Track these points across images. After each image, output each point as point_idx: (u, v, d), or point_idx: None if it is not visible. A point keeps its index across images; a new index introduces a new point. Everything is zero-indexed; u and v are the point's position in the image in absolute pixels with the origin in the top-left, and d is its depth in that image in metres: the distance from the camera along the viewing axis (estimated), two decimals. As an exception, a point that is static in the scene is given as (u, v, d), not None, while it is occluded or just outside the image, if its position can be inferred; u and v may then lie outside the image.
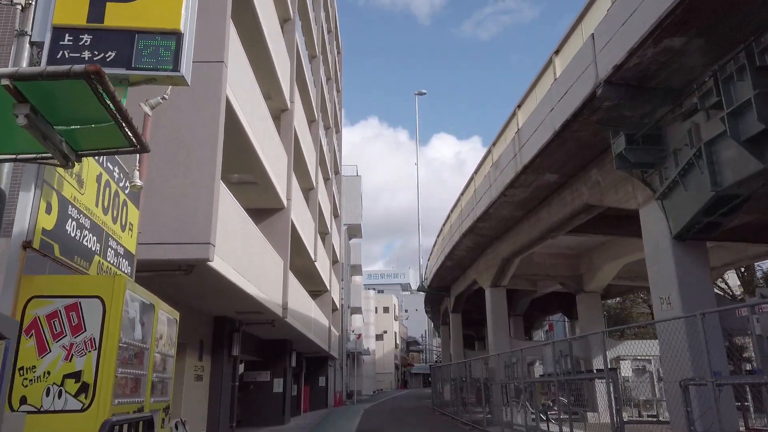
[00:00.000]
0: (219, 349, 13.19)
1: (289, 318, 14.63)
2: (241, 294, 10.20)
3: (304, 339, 19.99)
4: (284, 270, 14.25)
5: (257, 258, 11.28)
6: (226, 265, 8.68)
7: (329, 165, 28.46)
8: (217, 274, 8.39)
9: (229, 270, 8.82)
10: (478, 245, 17.95)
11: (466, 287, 22.88)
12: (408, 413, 23.56)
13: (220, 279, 8.73)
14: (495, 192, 12.76)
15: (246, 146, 10.66)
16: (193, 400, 11.75)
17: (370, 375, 53.52)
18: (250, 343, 17.36)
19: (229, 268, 8.81)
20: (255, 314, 13.34)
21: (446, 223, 21.00)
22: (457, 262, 20.84)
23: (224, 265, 8.55)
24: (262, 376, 19.15)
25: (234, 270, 9.21)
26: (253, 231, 10.97)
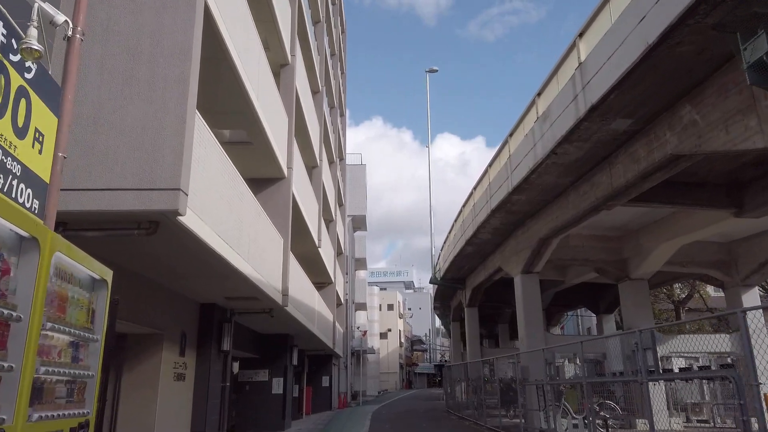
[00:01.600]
0: (206, 342, 11.05)
1: (290, 307, 12.49)
2: (229, 270, 8.06)
3: (306, 334, 17.85)
4: (284, 250, 12.11)
5: (251, 230, 9.15)
6: (205, 227, 6.53)
7: (333, 147, 26.35)
8: (193, 237, 6.24)
9: (209, 233, 6.68)
10: (507, 225, 15.75)
11: (486, 277, 20.68)
12: (421, 417, 21.40)
13: (197, 244, 6.58)
14: (541, 152, 10.54)
15: (236, 88, 8.52)
16: (172, 405, 9.61)
17: (374, 375, 51.36)
18: (246, 338, 15.22)
19: (209, 230, 6.67)
20: (249, 301, 11.21)
21: (467, 204, 18.84)
22: (478, 247, 18.64)
23: (202, 225, 6.40)
24: (259, 375, 17.02)
25: (217, 235, 7.06)
26: (245, 194, 8.83)
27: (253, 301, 11.28)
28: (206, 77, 8.09)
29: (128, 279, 7.83)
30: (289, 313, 12.72)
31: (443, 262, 25.30)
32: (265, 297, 10.79)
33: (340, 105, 31.12)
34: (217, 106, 8.99)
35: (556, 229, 13.20)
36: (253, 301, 11.21)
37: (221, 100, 8.89)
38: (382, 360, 58.51)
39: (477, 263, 21.39)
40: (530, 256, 14.93)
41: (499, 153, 14.22)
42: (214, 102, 8.83)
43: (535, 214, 14.21)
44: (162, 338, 9.27)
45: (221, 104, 8.98)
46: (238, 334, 14.21)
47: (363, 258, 40.39)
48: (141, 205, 5.48)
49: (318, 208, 18.86)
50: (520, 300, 15.84)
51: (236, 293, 10.37)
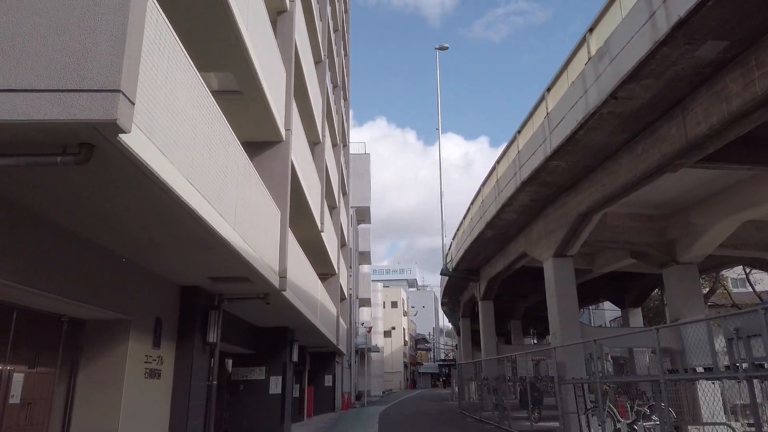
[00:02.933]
0: (188, 333, 9.25)
1: (288, 293, 10.69)
2: (209, 235, 6.26)
3: (308, 328, 16.04)
4: (282, 224, 10.31)
5: (239, 190, 7.36)
6: (169, 164, 4.73)
7: (337, 128, 24.54)
8: (149, 173, 4.44)
9: (177, 177, 4.88)
10: (536, 202, 13.90)
11: (505, 266, 18.83)
12: (435, 419, 19.58)
13: (158, 189, 4.77)
14: (594, 99, 8.64)
15: (221, 13, 6.72)
16: (142, 407, 7.81)
17: (378, 374, 49.55)
18: (240, 331, 13.42)
19: (176, 173, 4.87)
20: (240, 283, 9.40)
21: (487, 182, 17.01)
22: (500, 230, 16.77)
23: (162, 160, 4.59)
24: (255, 373, 15.22)
25: (190, 184, 5.27)
26: (231, 143, 7.02)
27: (244, 284, 9.48)
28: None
29: (78, 245, 6.03)
30: (287, 299, 10.92)
31: (456, 251, 23.46)
32: (258, 278, 8.99)
33: (344, 87, 29.33)
34: (197, 38, 7.17)
35: (601, 202, 11.32)
36: (245, 283, 9.40)
37: (201, 31, 7.07)
38: (386, 359, 56.68)
39: (495, 250, 19.53)
40: (565, 236, 13.06)
41: (532, 114, 12.34)
42: (193, 32, 7.02)
43: (574, 185, 12.36)
44: (129, 325, 7.46)
45: (202, 35, 7.16)
46: (230, 326, 12.41)
47: (367, 251, 38.57)
48: (61, 113, 3.66)
49: (320, 188, 17.06)
50: (552, 288, 14.00)
51: (223, 272, 8.56)
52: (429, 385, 75.16)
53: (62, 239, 5.77)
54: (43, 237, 5.47)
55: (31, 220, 5.27)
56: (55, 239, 5.66)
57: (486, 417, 18.11)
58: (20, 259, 5.15)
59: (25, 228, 5.20)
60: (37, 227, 5.37)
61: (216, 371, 9.96)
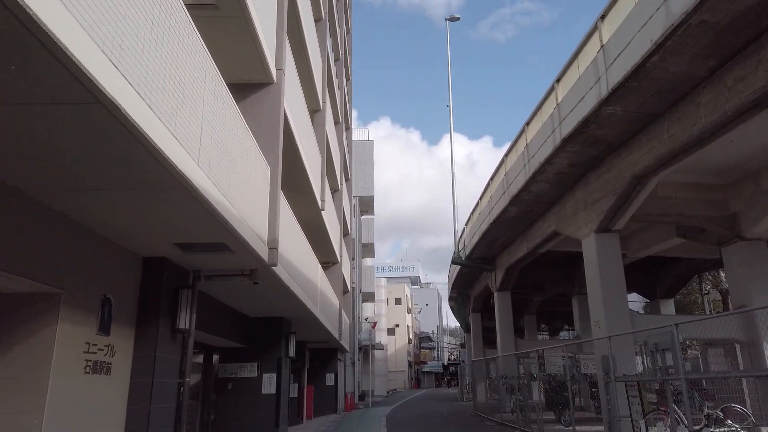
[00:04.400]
0: (151, 316, 7.28)
1: (281, 269, 8.74)
2: (165, 169, 4.32)
3: (306, 318, 14.09)
4: (272, 183, 8.37)
5: (212, 120, 5.41)
6: (97, 51, 2.72)
7: (339, 106, 22.58)
8: (66, 59, 2.45)
9: (113, 76, 2.89)
10: (577, 167, 11.85)
11: (528, 250, 16.81)
12: (448, 422, 17.60)
13: (52, 56, 2.78)
14: (683, 4, 6.62)
15: None
16: (81, 411, 5.86)
17: (382, 373, 47.56)
18: (226, 320, 11.48)
19: (109, 67, 2.87)
20: (218, 254, 7.46)
21: (512, 151, 14.95)
22: (526, 207, 14.72)
23: (87, 42, 2.60)
24: (246, 370, 13.27)
25: (135, 90, 3.32)
26: (199, 51, 5.04)
27: (224, 256, 7.53)
28: None
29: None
30: (280, 279, 8.96)
31: (470, 237, 21.45)
32: (241, 247, 7.05)
33: (346, 64, 27.36)
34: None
35: (665, 158, 9.25)
36: (225, 254, 7.45)
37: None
38: (390, 357, 54.69)
39: (517, 233, 17.50)
40: (612, 206, 11.05)
41: (578, 54, 10.25)
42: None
43: (626, 142, 10.34)
44: (58, 301, 5.50)
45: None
46: (214, 314, 10.46)
47: (371, 243, 36.59)
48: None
49: (321, 161, 15.11)
50: (594, 269, 11.92)
51: (194, 236, 6.61)
52: (433, 384, 73.14)
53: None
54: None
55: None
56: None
57: (507, 420, 16.13)
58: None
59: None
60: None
61: (189, 365, 8.00)
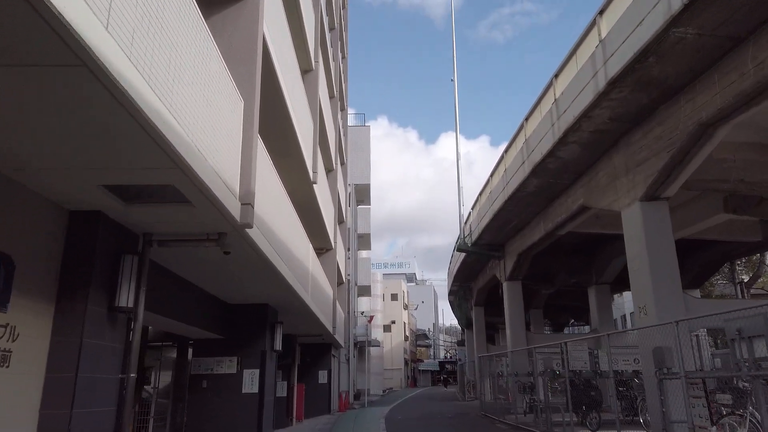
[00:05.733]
0: (78, 289, 5.40)
1: (258, 234, 6.87)
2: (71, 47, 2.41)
3: (296, 307, 12.23)
4: (246, 122, 6.50)
5: (149, 8, 3.52)
6: None
7: (334, 80, 20.71)
8: None
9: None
10: (618, 121, 9.83)
11: (546, 232, 14.88)
12: (455, 425, 15.76)
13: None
14: None
15: None
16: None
17: (378, 371, 45.70)
18: (198, 306, 9.61)
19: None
20: (172, 207, 5.60)
21: (533, 114, 13.06)
22: (550, 178, 12.72)
23: None
24: (223, 365, 11.40)
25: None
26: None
27: (181, 211, 5.67)
28: None
29: None
30: (258, 249, 7.09)
31: (477, 221, 19.60)
32: (200, 195, 5.19)
33: (341, 37, 25.47)
34: None
35: (750, 94, 7.25)
36: (182, 209, 5.59)
37: None
38: (386, 355, 52.85)
39: (534, 212, 15.63)
40: (666, 165, 9.16)
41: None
42: None
43: (689, 84, 8.42)
44: None
45: None
46: (180, 296, 8.58)
47: (367, 234, 34.73)
48: None
49: (313, 127, 13.25)
50: (639, 245, 9.87)
51: (129, 171, 4.74)
52: (429, 383, 71.32)
53: None
54: None
55: None
56: None
57: (523, 422, 14.30)
58: None
59: None
60: None
61: (135, 356, 6.11)
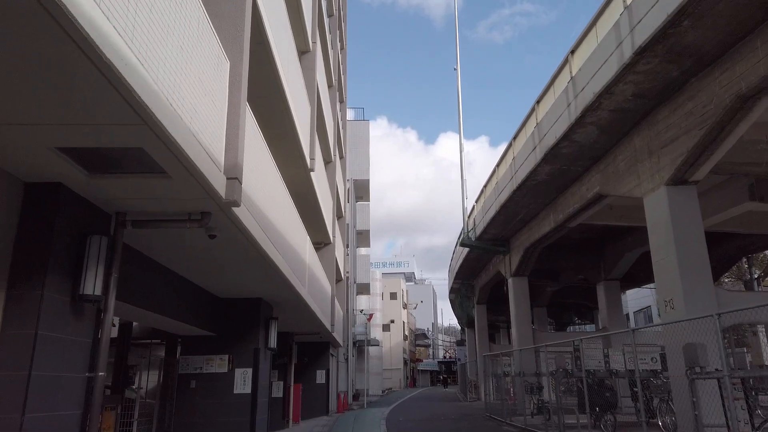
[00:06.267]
0: (34, 272, 4.59)
1: (246, 215, 6.07)
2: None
3: (292, 302, 11.42)
4: (233, 86, 5.69)
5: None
6: None
7: (333, 67, 19.92)
8: None
9: None
10: (643, 98, 8.74)
11: (557, 224, 14.09)
12: (460, 428, 14.93)
13: None
14: None
15: None
16: None
17: (377, 371, 44.90)
18: (186, 300, 8.80)
19: None
20: (147, 179, 4.80)
21: (544, 98, 12.25)
22: (563, 165, 11.78)
23: None
24: (214, 363, 10.59)
25: None
26: None
27: (156, 184, 4.86)
28: None
29: None
30: (248, 232, 6.28)
31: (482, 214, 18.80)
32: (177, 164, 4.41)
33: (340, 26, 24.67)
34: None
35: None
36: (157, 181, 4.79)
37: None
38: (385, 354, 52.03)
39: (543, 203, 14.85)
40: (698, 144, 8.28)
41: None
42: None
43: (727, 51, 7.65)
44: None
45: None
46: (163, 288, 7.77)
47: (366, 230, 33.91)
48: None
49: (310, 111, 12.46)
50: (664, 233, 8.98)
51: (89, 130, 3.93)
52: (428, 383, 70.54)
53: None
54: None
55: None
56: None
57: (532, 425, 13.51)
58: None
59: None
60: None
61: (105, 353, 5.30)
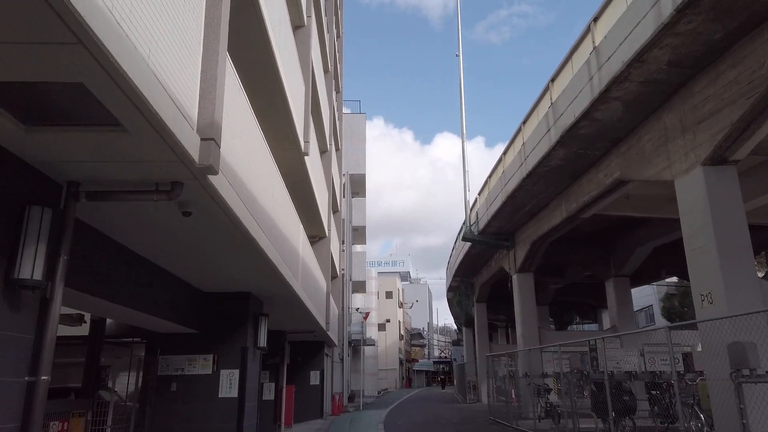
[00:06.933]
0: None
1: (225, 186, 5.09)
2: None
3: (284, 297, 10.45)
4: (210, 30, 4.70)
5: None
6: None
7: (329, 53, 18.97)
8: None
9: None
10: (679, 66, 7.75)
11: (568, 214, 13.17)
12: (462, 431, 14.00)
13: None
14: None
15: None
16: None
17: (372, 371, 43.93)
18: (166, 293, 7.81)
19: None
20: (94, 129, 3.81)
21: (560, 75, 11.36)
22: (580, 148, 10.75)
23: None
24: (197, 364, 9.61)
25: None
26: None
27: (104, 135, 3.88)
28: None
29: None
30: (228, 207, 5.31)
31: (486, 206, 17.86)
32: (132, 110, 3.42)
33: (336, 14, 23.70)
34: None
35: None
36: (106, 133, 3.81)
37: None
38: (381, 354, 51.08)
39: (554, 192, 13.91)
40: (741, 119, 7.26)
41: None
42: None
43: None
44: None
45: None
46: (135, 278, 6.79)
47: (362, 227, 32.98)
48: None
49: (305, 91, 11.51)
50: (701, 218, 7.95)
51: (4, 35, 2.95)
52: (423, 383, 69.63)
53: None
54: None
55: None
56: None
57: (541, 430, 12.60)
58: None
59: None
60: None
61: (50, 351, 4.32)
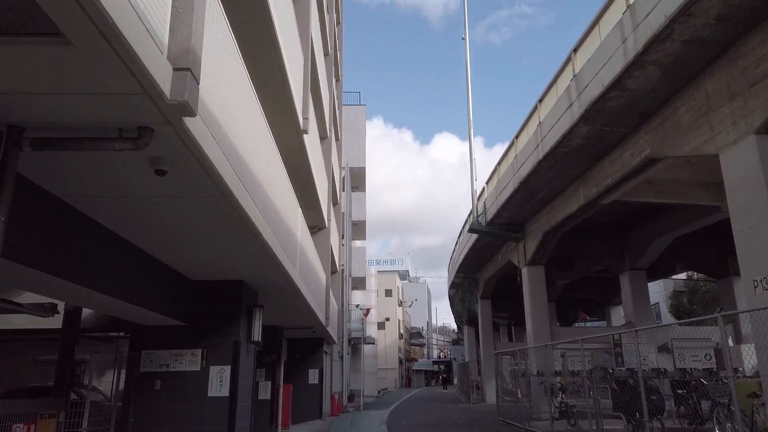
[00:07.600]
0: None
1: (206, 135, 4.14)
2: None
3: (281, 287, 9.52)
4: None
5: None
6: None
7: (329, 36, 18.07)
8: None
9: None
10: (732, 20, 6.98)
11: (587, 200, 12.14)
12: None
13: None
14: None
15: None
16: None
17: (372, 370, 43.01)
18: (150, 280, 6.88)
19: None
20: (22, 41, 2.86)
21: (585, 42, 10.43)
22: (605, 124, 9.66)
23: None
24: (184, 360, 8.68)
25: None
26: None
27: (37, 49, 2.95)
28: None
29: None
30: (209, 163, 4.37)
31: (495, 195, 16.91)
32: (72, 4, 2.46)
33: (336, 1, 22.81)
34: None
35: None
36: (39, 46, 2.88)
37: None
38: (380, 353, 50.16)
39: (571, 177, 12.94)
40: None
41: None
42: None
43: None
44: None
45: None
46: (110, 261, 5.86)
47: (362, 221, 32.06)
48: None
49: (304, 64, 10.61)
50: (752, 193, 6.98)
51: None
52: (422, 383, 68.74)
53: None
54: None
55: None
56: None
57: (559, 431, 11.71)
58: None
59: None
60: None
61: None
